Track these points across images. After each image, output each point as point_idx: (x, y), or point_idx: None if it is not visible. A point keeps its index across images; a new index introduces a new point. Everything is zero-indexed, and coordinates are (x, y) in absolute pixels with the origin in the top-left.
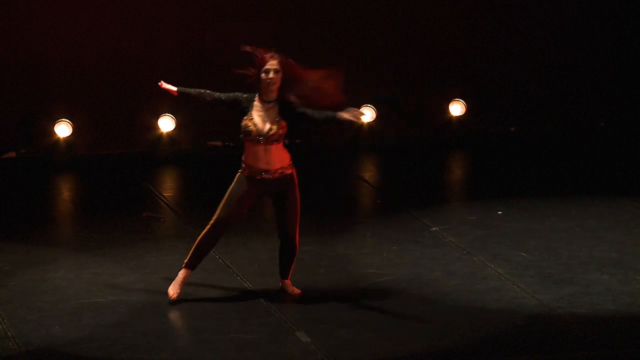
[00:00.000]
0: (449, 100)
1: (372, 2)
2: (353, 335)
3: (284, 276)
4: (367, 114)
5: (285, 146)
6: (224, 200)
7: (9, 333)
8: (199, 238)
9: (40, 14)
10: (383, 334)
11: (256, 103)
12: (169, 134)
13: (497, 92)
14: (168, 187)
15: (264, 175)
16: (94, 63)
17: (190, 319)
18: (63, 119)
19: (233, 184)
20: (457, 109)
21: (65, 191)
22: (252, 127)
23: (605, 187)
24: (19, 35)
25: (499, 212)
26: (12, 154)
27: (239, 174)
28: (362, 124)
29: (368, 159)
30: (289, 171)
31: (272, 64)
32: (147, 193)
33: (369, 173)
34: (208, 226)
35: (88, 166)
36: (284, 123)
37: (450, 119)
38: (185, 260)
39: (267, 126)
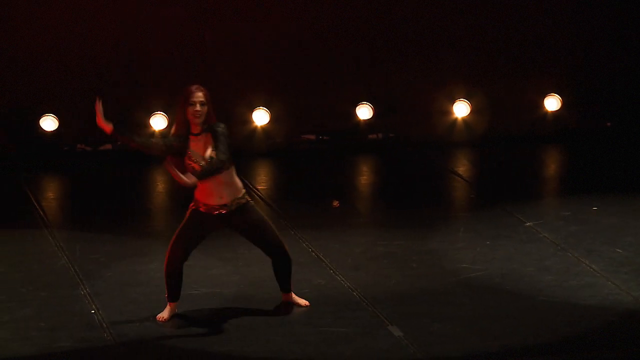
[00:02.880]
0: (544, 95)
1: None
2: (445, 330)
3: (286, 289)
4: (462, 108)
5: (238, 175)
6: (180, 229)
7: (104, 324)
8: (166, 271)
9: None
10: (476, 329)
11: (190, 142)
12: (263, 127)
13: (594, 87)
14: (262, 180)
15: (221, 211)
16: (189, 55)
17: (283, 312)
18: (158, 112)
19: (189, 215)
20: (552, 103)
21: (160, 183)
22: (194, 164)
23: None
24: (130, 27)
25: (594, 208)
26: (109, 146)
27: (191, 209)
28: (456, 119)
29: (462, 153)
30: (244, 201)
31: (198, 96)
32: None
33: (462, 167)
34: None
35: None
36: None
37: (546, 113)
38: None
39: (208, 157)
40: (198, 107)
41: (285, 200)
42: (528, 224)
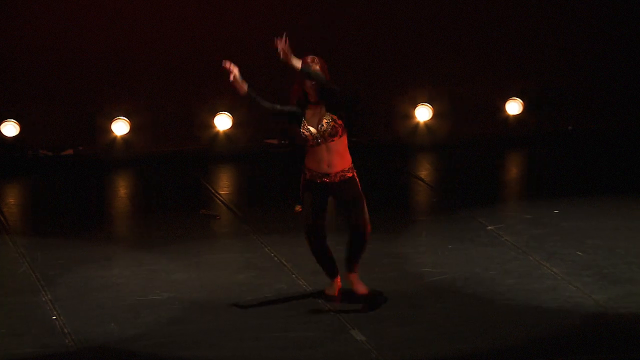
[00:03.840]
0: (505, 99)
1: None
2: (408, 334)
3: (349, 268)
4: (424, 112)
5: (349, 147)
6: (303, 209)
7: (66, 330)
8: (312, 253)
9: (111, 7)
10: (438, 333)
11: (307, 109)
12: (226, 132)
13: (555, 91)
14: (224, 185)
15: (325, 179)
16: (152, 61)
17: (246, 317)
18: (121, 117)
19: (302, 191)
20: (514, 107)
21: (122, 188)
22: (306, 133)
23: None
24: (79, 31)
25: (556, 212)
26: (70, 152)
27: (302, 179)
28: (418, 123)
29: (424, 157)
30: (350, 174)
31: (315, 70)
32: (204, 191)
33: (424, 171)
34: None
35: (145, 164)
36: (335, 116)
37: (507, 117)
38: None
39: (320, 124)
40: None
41: (247, 205)
42: (490, 227)
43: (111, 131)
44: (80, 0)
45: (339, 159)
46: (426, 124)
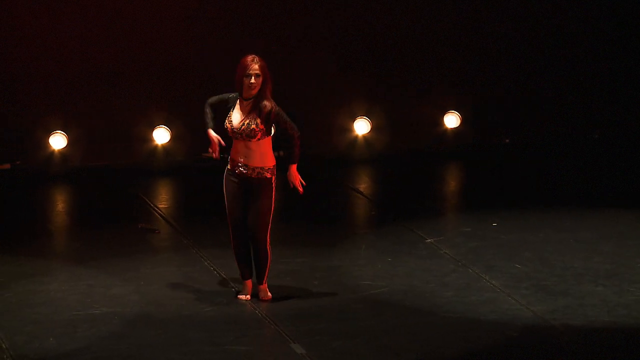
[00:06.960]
0: (443, 112)
1: (366, 14)
2: (348, 347)
3: (259, 282)
4: (362, 126)
5: (276, 155)
6: (225, 203)
7: (3, 345)
8: (232, 249)
9: (35, 24)
10: (378, 346)
11: (238, 103)
12: (164, 146)
13: (492, 104)
14: (163, 199)
15: (242, 170)
16: (89, 75)
17: (185, 331)
18: (58, 131)
19: (224, 183)
20: (452, 120)
21: (60, 203)
22: (227, 125)
23: (599, 199)
24: (12, 45)
25: (494, 225)
26: (7, 166)
27: (225, 170)
28: (357, 136)
29: (363, 170)
30: (268, 175)
31: (254, 68)
32: (142, 205)
33: (363, 185)
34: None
35: (83, 178)
36: (259, 120)
37: (445, 130)
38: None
39: (241, 122)
40: (253, 80)
41: (186, 219)
42: (428, 240)
43: (49, 145)
44: (10, 15)
45: (257, 156)
46: (365, 137)
